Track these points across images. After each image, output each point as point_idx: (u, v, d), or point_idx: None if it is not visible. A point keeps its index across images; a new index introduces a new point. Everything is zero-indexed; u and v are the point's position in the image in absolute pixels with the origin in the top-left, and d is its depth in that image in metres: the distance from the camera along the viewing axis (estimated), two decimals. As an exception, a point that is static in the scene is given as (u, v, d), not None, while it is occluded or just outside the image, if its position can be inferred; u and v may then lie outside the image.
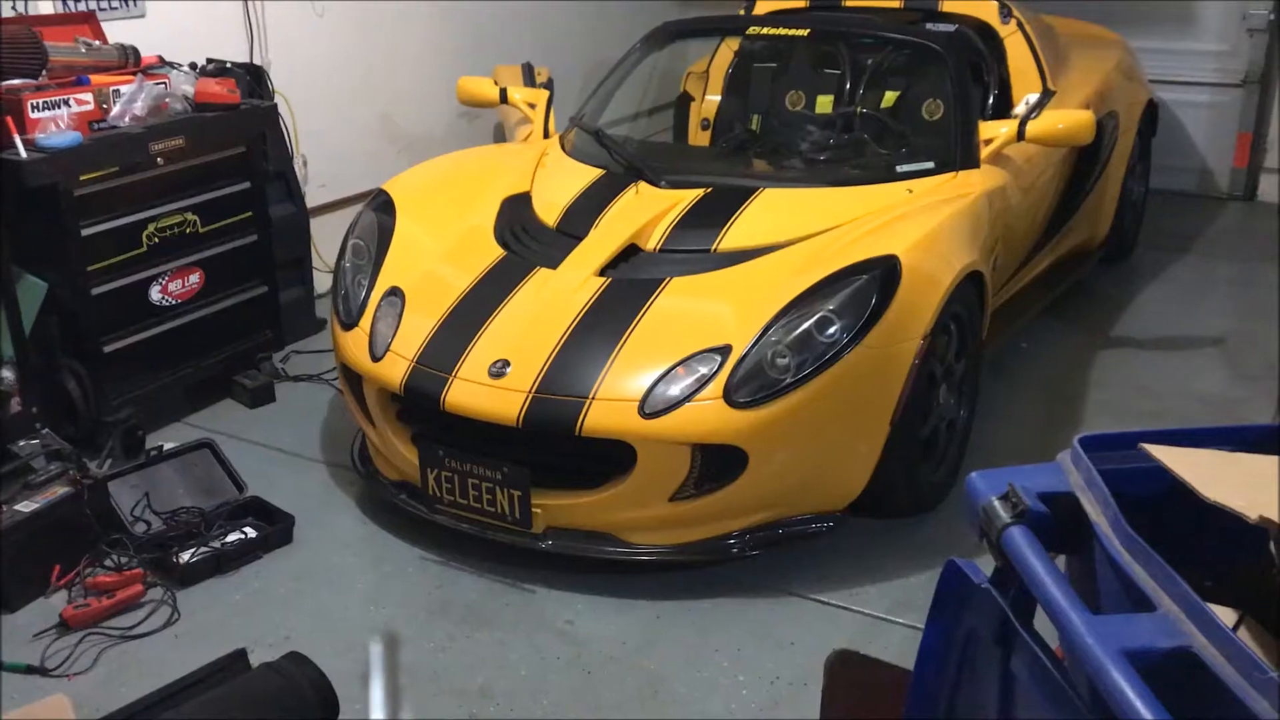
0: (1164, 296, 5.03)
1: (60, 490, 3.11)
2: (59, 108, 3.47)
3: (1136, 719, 1.07)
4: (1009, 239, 3.84)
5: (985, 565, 1.55)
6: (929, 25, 4.48)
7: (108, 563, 3.07)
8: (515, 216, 3.61)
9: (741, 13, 5.11)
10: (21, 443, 3.30)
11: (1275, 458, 1.36)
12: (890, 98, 4.25)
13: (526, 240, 3.48)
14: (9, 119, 3.33)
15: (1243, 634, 1.20)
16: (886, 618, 2.88)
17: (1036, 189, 4.13)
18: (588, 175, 3.75)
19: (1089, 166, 4.65)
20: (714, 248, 3.32)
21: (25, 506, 3.03)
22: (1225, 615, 1.18)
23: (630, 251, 3.35)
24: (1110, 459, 1.46)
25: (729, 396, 2.84)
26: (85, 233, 3.55)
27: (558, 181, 3.77)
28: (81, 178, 3.50)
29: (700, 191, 3.55)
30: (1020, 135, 3.74)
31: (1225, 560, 1.41)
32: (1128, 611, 1.26)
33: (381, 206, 3.64)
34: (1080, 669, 1.20)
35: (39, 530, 3.00)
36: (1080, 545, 1.44)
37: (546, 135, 4.24)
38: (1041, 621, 1.36)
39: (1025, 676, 1.39)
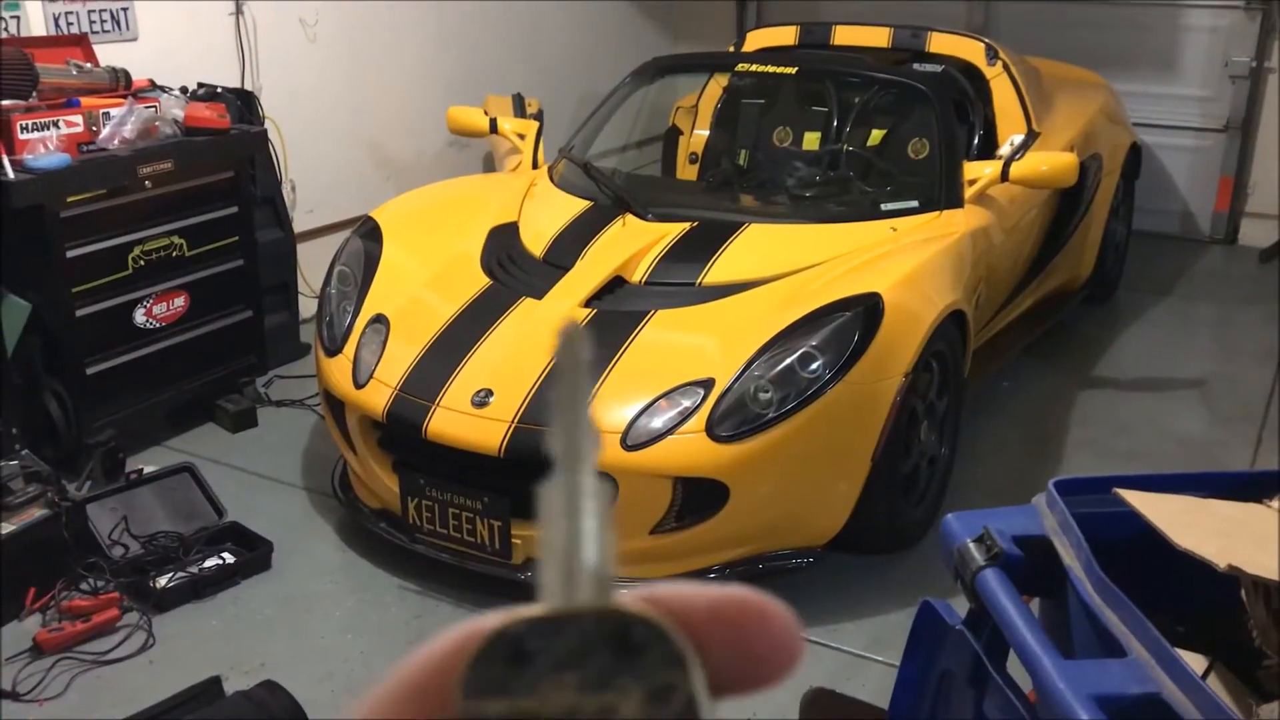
0: (1145, 338, 5.07)
1: (38, 512, 3.09)
2: (48, 129, 3.48)
3: (1106, 765, 1.07)
4: (992, 278, 3.87)
5: (962, 605, 1.55)
6: (916, 65, 4.53)
7: (84, 586, 3.04)
8: (502, 246, 3.62)
9: (731, 49, 5.15)
10: (0, 463, 3.28)
11: (1247, 505, 1.37)
12: (876, 136, 4.28)
13: (513, 270, 3.49)
14: (-2, 139, 3.34)
15: (1212, 681, 1.20)
16: (864, 655, 2.88)
17: (1020, 229, 4.17)
18: (575, 206, 3.77)
19: (1072, 208, 4.69)
20: (699, 281, 3.33)
21: (1, 528, 3.00)
22: (1195, 662, 1.19)
23: (616, 283, 3.36)
24: (1085, 502, 1.48)
25: (711, 430, 2.85)
26: (71, 254, 3.55)
27: (545, 212, 3.78)
28: (68, 199, 3.50)
29: (687, 225, 3.57)
30: (1004, 176, 3.78)
31: (1198, 606, 1.42)
32: (1099, 656, 1.27)
33: (368, 233, 3.65)
34: (1051, 713, 1.20)
35: (15, 552, 2.98)
36: (1054, 588, 1.45)
37: (535, 166, 4.26)
38: (1015, 664, 1.37)
39: (997, 719, 1.40)
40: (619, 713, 0.28)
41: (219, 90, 4.13)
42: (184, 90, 4.05)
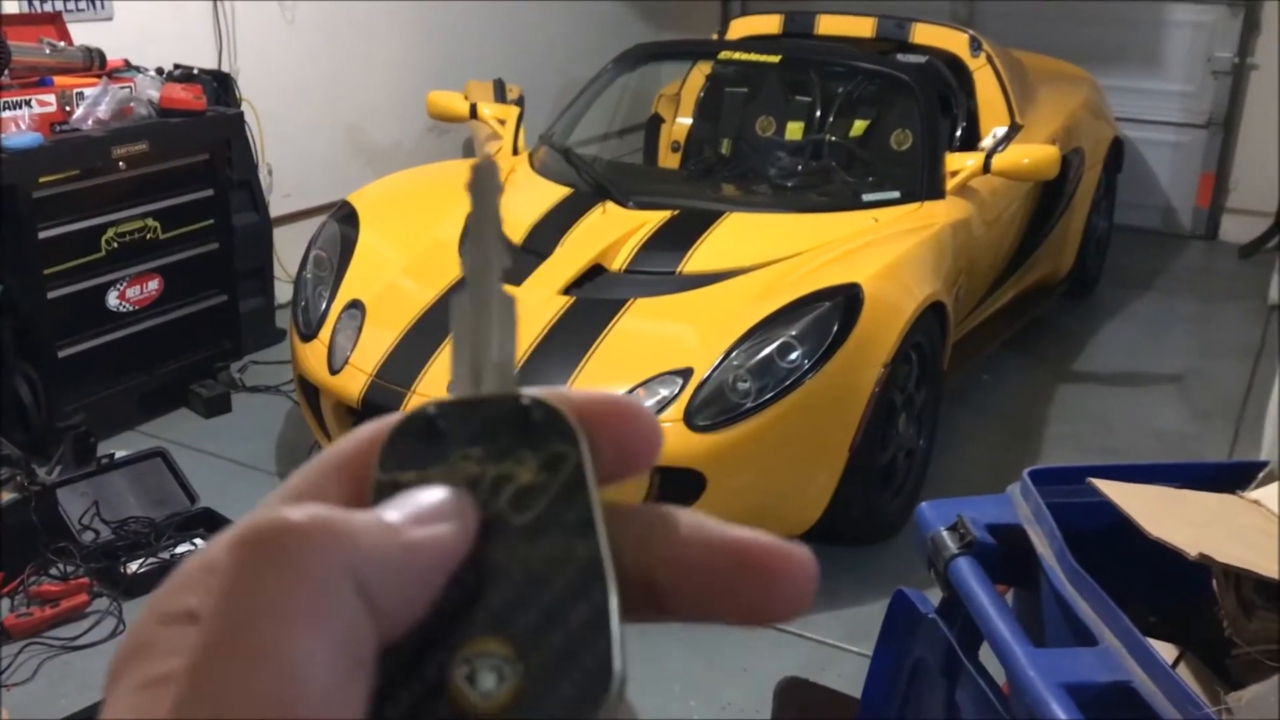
0: (1124, 333, 5.08)
1: (7, 496, 3.05)
2: (20, 108, 3.43)
3: (1074, 754, 1.06)
4: (972, 271, 3.86)
5: (936, 595, 1.54)
6: (900, 56, 4.52)
7: (53, 571, 3.01)
8: (480, 232, 3.59)
9: (715, 37, 5.13)
10: (-31, 447, 3.25)
11: (1220, 495, 1.36)
12: (859, 127, 4.27)
13: (491, 257, 3.46)
14: (-32, 118, 3.29)
15: (1182, 670, 1.19)
16: (840, 645, 2.87)
17: (1001, 222, 4.16)
18: (555, 193, 3.74)
19: (1054, 201, 4.68)
20: (679, 270, 3.32)
21: (-31, 512, 2.97)
22: (1166, 651, 1.18)
23: (595, 271, 3.34)
24: (1059, 492, 1.47)
25: (689, 419, 2.83)
26: (43, 235, 3.50)
27: (525, 199, 3.75)
28: (41, 179, 3.45)
29: (668, 213, 3.55)
30: (986, 168, 3.77)
31: (1170, 596, 1.41)
32: (1071, 645, 1.26)
33: (345, 218, 3.62)
34: (1022, 701, 1.19)
35: (-18, 536, 2.95)
36: (1027, 577, 1.44)
37: (516, 152, 4.23)
38: (988, 652, 1.36)
39: (969, 707, 1.39)
40: (518, 479, 0.32)
41: (195, 72, 4.08)
42: (160, 71, 4.00)
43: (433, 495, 0.31)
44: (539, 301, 3.18)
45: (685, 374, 2.90)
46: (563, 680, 0.29)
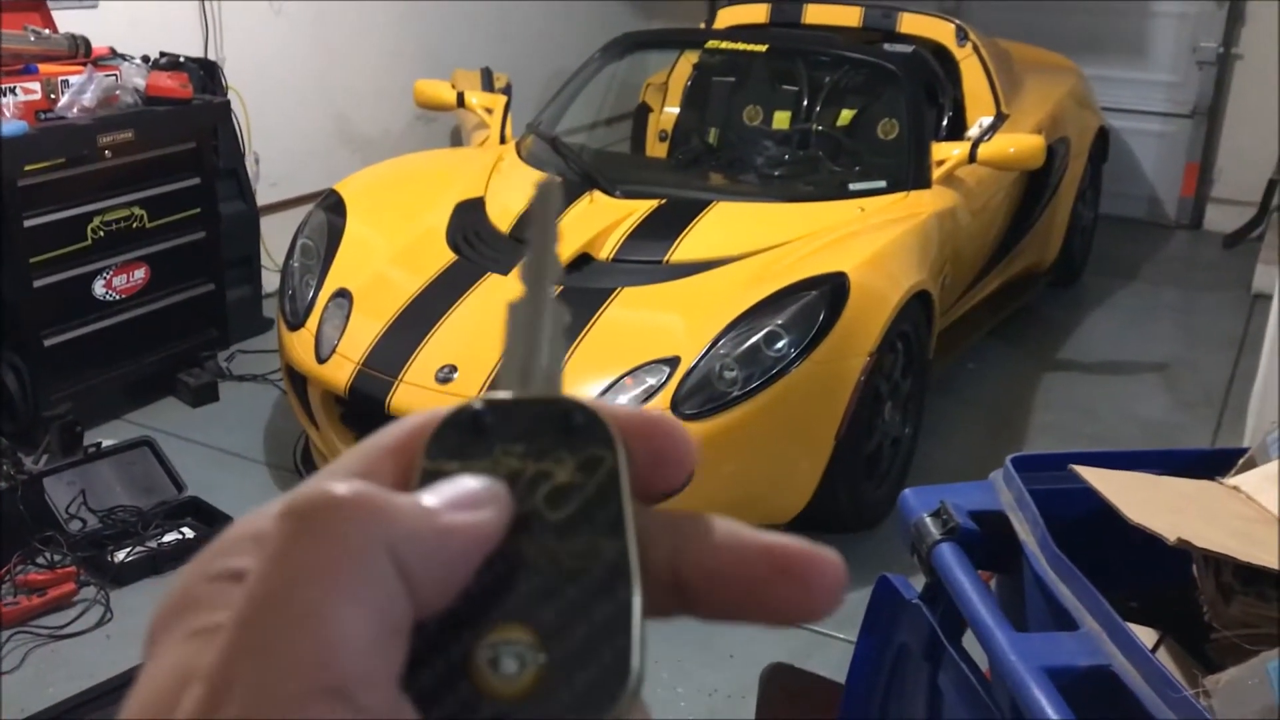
0: (1109, 322, 5.11)
1: (-7, 485, 3.05)
2: (4, 96, 3.41)
3: (1054, 736, 1.08)
4: (958, 260, 3.88)
5: (920, 581, 1.56)
6: (887, 46, 4.53)
7: (40, 560, 3.00)
8: (468, 221, 3.60)
9: (702, 26, 5.13)
10: (-46, 436, 3.24)
11: (1200, 481, 1.38)
12: (846, 116, 4.28)
13: (478, 245, 3.47)
14: (-48, 106, 3.27)
15: (1161, 654, 1.21)
16: (826, 632, 2.89)
17: (987, 211, 4.18)
18: (543, 182, 3.73)
19: (1039, 191, 4.70)
20: (666, 259, 3.33)
21: (-45, 501, 2.97)
22: (1146, 635, 1.19)
23: (582, 260, 3.34)
24: (1042, 479, 1.48)
25: (676, 408, 2.85)
26: (28, 224, 3.48)
27: (512, 187, 3.76)
28: (26, 168, 3.43)
29: (655, 202, 3.56)
30: (972, 157, 3.79)
31: (1151, 581, 1.43)
32: (1052, 630, 1.28)
33: (332, 207, 3.61)
34: (1003, 685, 1.21)
35: (-31, 525, 2.94)
36: (1010, 563, 1.46)
37: (503, 141, 4.23)
38: (971, 638, 1.37)
39: (952, 692, 1.40)
40: (555, 477, 0.33)
41: (182, 59, 4.06)
42: (146, 59, 3.98)
43: (470, 484, 0.32)
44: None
45: (672, 363, 2.92)
46: (582, 673, 0.30)
